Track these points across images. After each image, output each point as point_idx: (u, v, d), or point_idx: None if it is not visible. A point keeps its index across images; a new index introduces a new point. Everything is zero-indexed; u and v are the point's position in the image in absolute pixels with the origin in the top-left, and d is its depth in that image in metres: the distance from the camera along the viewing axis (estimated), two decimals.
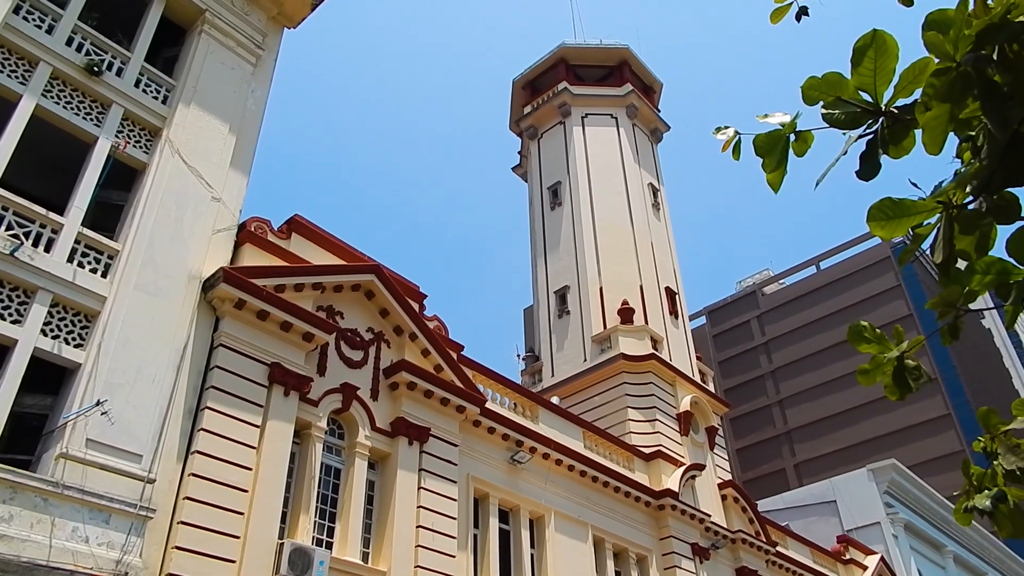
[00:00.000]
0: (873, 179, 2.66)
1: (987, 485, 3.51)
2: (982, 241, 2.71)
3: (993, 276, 3.00)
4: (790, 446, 67.47)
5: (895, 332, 3.56)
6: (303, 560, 11.19)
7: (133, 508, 9.87)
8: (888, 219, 2.60)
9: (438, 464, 14.32)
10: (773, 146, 2.71)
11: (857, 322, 3.48)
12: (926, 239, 2.70)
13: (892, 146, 2.60)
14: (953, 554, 39.11)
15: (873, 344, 3.40)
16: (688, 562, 19.77)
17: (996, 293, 3.12)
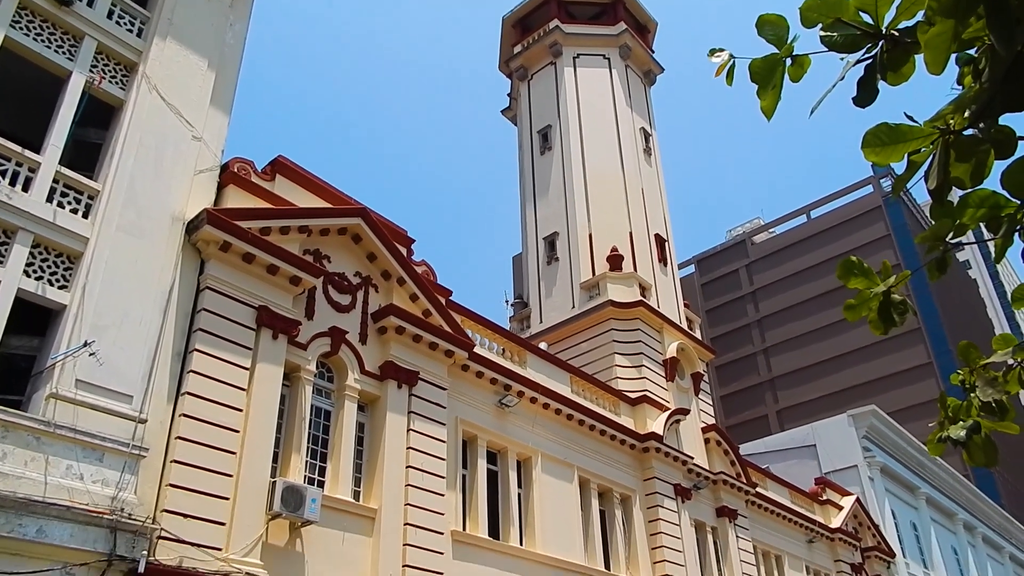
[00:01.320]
0: (870, 105, 2.64)
1: (962, 417, 3.60)
2: (977, 169, 2.71)
3: (986, 210, 3.02)
4: (773, 393, 68.54)
5: (883, 267, 3.61)
6: (295, 498, 11.36)
7: (126, 447, 9.94)
8: (883, 145, 2.59)
9: (427, 407, 14.47)
10: (769, 71, 2.68)
11: (849, 257, 3.52)
12: (921, 166, 2.70)
13: (891, 72, 2.58)
14: (926, 496, 40.18)
15: (861, 279, 3.44)
16: (670, 502, 20.23)
17: (987, 227, 3.14)
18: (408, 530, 13.16)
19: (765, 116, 2.88)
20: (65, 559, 9.00)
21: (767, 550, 25.15)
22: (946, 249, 3.24)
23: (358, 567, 12.40)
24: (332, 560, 12.03)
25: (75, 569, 9.09)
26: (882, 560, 31.54)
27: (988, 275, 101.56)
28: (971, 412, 3.54)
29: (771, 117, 2.89)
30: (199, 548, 10.20)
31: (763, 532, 24.96)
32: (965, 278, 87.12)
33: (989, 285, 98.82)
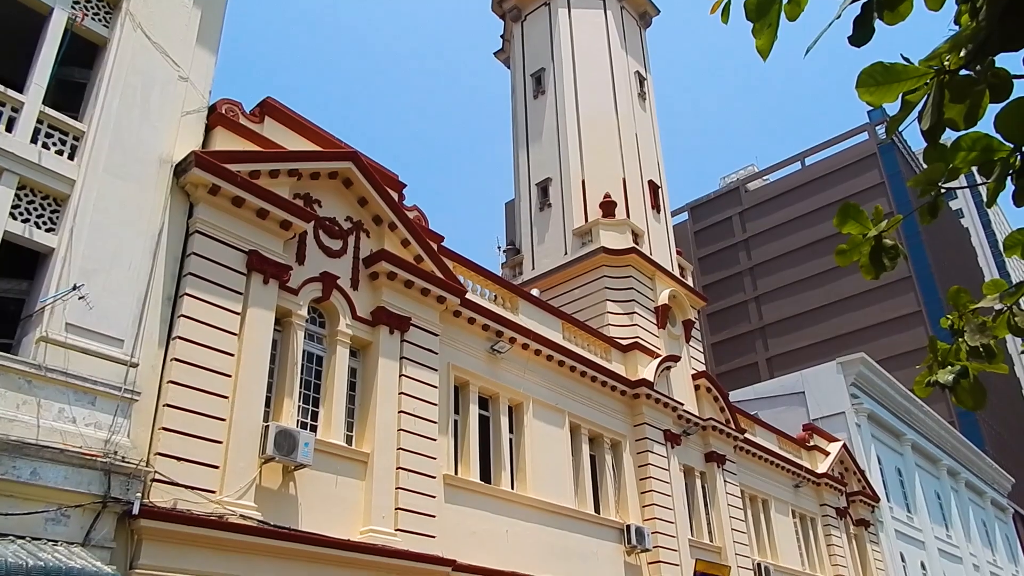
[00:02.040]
0: (865, 44, 2.58)
1: (951, 361, 3.61)
2: (971, 111, 2.67)
3: (978, 153, 2.99)
4: (764, 341, 69.13)
5: (875, 211, 3.58)
6: (288, 442, 11.46)
7: (118, 391, 9.98)
8: (878, 84, 2.54)
9: (419, 353, 14.52)
10: (765, 8, 2.61)
11: (848, 202, 3.50)
12: (916, 107, 2.65)
13: (888, 10, 2.52)
14: (912, 442, 40.89)
15: (854, 224, 3.43)
16: (660, 447, 20.52)
17: (979, 171, 3.11)
18: (400, 474, 13.34)
19: (761, 55, 2.82)
20: (60, 501, 9.10)
21: (754, 494, 25.64)
22: (938, 193, 3.21)
23: (351, 510, 12.58)
24: (325, 503, 12.20)
25: (70, 511, 9.19)
26: (866, 504, 32.23)
27: (980, 224, 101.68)
28: (960, 356, 3.55)
29: (767, 57, 2.83)
30: (193, 491, 10.31)
31: (750, 477, 25.42)
32: (957, 227, 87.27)
33: (981, 234, 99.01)
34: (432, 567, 13.10)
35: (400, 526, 12.96)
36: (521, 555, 15.40)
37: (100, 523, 9.41)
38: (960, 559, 41.84)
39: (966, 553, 42.86)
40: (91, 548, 9.15)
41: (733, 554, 22.11)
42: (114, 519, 9.55)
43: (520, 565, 15.19)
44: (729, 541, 22.24)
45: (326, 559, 11.68)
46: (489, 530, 15.09)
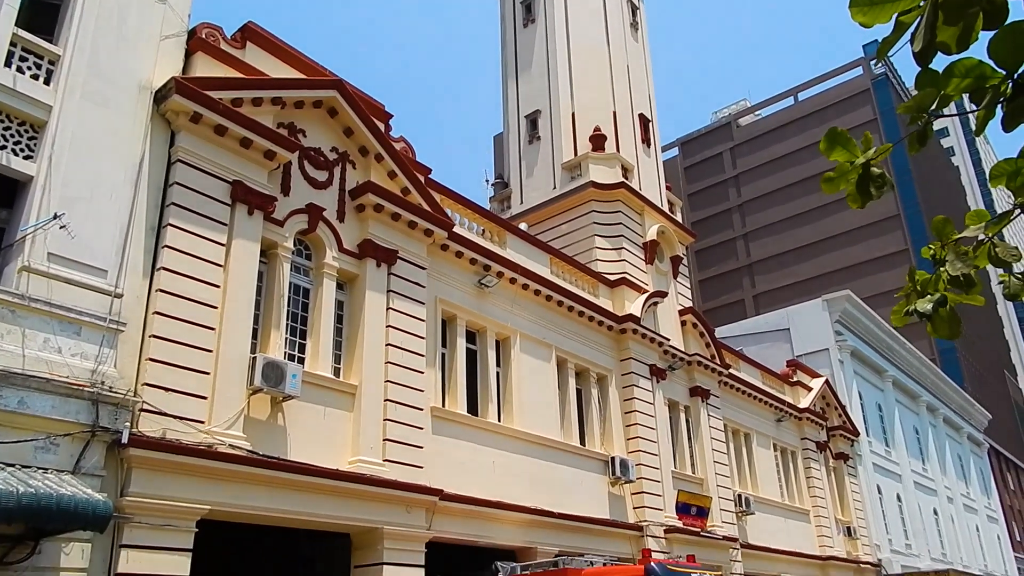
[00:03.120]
0: None
1: (930, 290, 3.62)
2: (964, 34, 2.60)
3: (971, 80, 2.93)
4: (751, 278, 69.53)
5: (864, 138, 3.53)
6: (276, 373, 11.51)
7: (103, 321, 9.94)
8: (872, 4, 2.48)
9: (406, 286, 14.51)
10: None
11: (834, 128, 3.45)
12: (909, 28, 2.58)
13: None
14: (893, 378, 41.61)
15: (843, 151, 3.39)
16: (645, 381, 20.78)
17: (971, 98, 3.06)
18: (388, 406, 13.46)
19: None
20: (48, 430, 9.15)
21: (737, 428, 26.13)
22: (928, 120, 3.16)
23: (339, 441, 12.73)
24: (314, 434, 12.33)
25: (59, 439, 9.24)
26: (846, 439, 32.93)
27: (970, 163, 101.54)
28: (939, 286, 3.56)
29: None
30: (182, 421, 10.39)
31: (734, 411, 25.86)
32: (947, 165, 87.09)
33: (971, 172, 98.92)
34: (420, 496, 13.34)
35: (388, 457, 13.15)
36: (507, 485, 15.69)
37: (89, 452, 9.48)
38: (935, 491, 43.06)
39: (941, 486, 44.10)
40: (81, 476, 9.24)
41: (715, 485, 22.63)
42: (103, 448, 9.62)
43: (506, 495, 15.50)
44: (711, 473, 22.74)
45: (315, 488, 11.86)
46: (476, 461, 15.34)
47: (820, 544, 28.48)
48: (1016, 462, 67.76)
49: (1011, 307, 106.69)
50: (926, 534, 39.05)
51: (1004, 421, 70.97)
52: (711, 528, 21.42)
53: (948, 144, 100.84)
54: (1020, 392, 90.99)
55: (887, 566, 32.40)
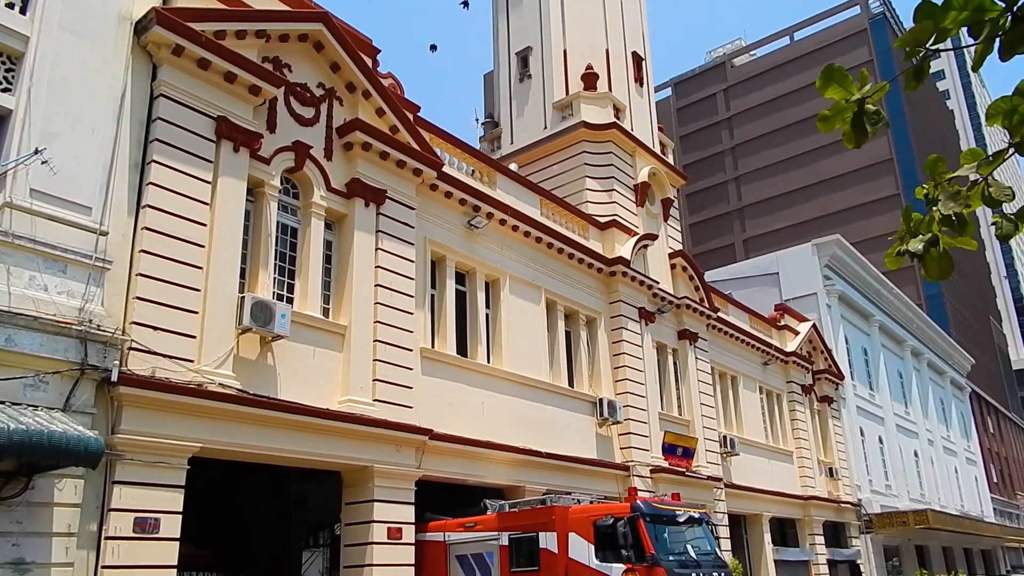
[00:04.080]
0: None
1: (922, 231, 3.60)
2: None
3: (969, 12, 2.87)
4: (741, 222, 69.51)
5: (860, 76, 3.46)
6: (265, 313, 11.49)
7: (88, 259, 9.85)
8: None
9: (395, 226, 14.40)
10: None
11: (830, 64, 3.38)
12: None
13: None
14: (879, 323, 42.02)
15: (838, 88, 3.34)
16: (634, 324, 20.89)
17: (969, 31, 2.99)
18: (378, 346, 13.50)
19: None
20: (37, 368, 9.14)
21: (724, 371, 26.41)
22: (925, 55, 3.10)
23: (329, 381, 12.79)
24: (303, 374, 12.37)
25: (48, 377, 9.25)
26: (831, 382, 33.38)
27: (965, 107, 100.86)
28: (931, 226, 3.54)
29: None
30: (171, 360, 10.39)
31: (721, 354, 26.11)
32: (942, 108, 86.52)
33: (966, 116, 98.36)
34: (409, 436, 13.48)
35: (378, 397, 13.24)
36: (496, 426, 15.87)
37: (79, 390, 9.50)
38: (916, 434, 43.91)
39: (922, 429, 44.95)
40: (72, 414, 9.27)
41: (701, 427, 22.97)
42: (93, 386, 9.64)
43: (495, 435, 15.69)
44: (697, 415, 23.06)
45: (305, 427, 11.96)
46: (465, 402, 15.47)
47: (802, 484, 29.10)
48: (997, 406, 69.07)
49: (999, 253, 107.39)
50: (906, 475, 39.96)
51: (987, 366, 72.11)
52: (696, 468, 21.81)
53: (944, 87, 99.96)
54: (1004, 338, 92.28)
55: (867, 506, 33.20)
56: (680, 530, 13.29)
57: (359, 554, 12.75)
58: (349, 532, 13.10)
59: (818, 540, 28.76)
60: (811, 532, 28.65)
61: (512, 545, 13.34)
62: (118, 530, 9.54)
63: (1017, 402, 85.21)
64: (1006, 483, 65.27)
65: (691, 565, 12.70)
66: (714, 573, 13.05)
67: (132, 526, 9.67)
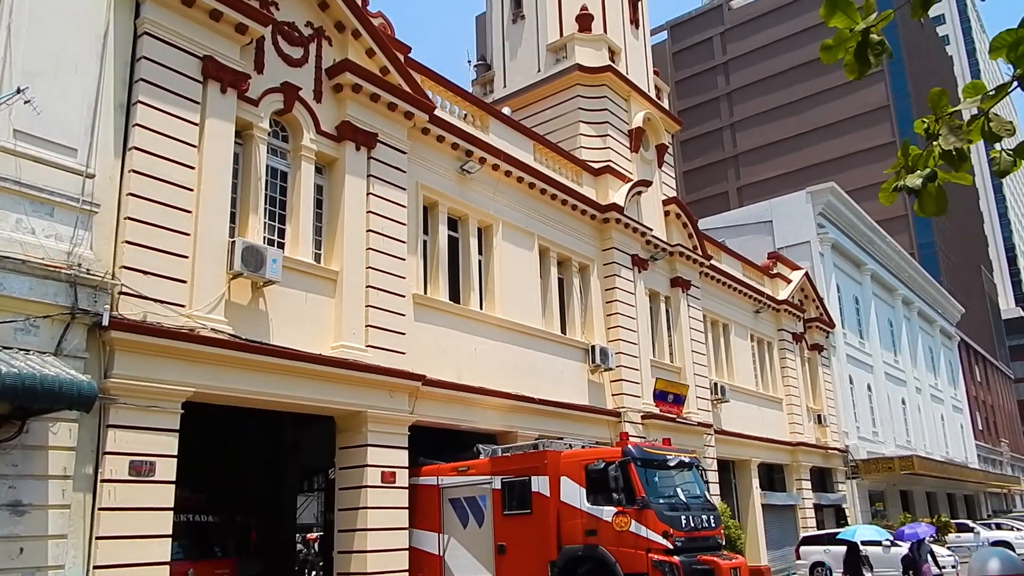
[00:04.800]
0: None
1: (920, 166, 3.55)
2: None
3: None
4: (736, 169, 69.15)
5: (866, 4, 3.38)
6: (256, 258, 11.40)
7: (75, 202, 9.72)
8: None
9: (386, 171, 14.23)
10: None
11: None
12: None
13: None
14: (871, 272, 42.17)
15: (843, 17, 3.27)
16: (627, 271, 20.87)
17: None
18: (370, 292, 13.46)
19: None
20: (27, 312, 9.08)
21: (715, 319, 26.52)
22: None
23: (322, 327, 12.77)
24: (296, 319, 12.34)
25: (38, 321, 9.19)
26: (822, 330, 33.61)
27: (965, 53, 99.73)
28: (929, 162, 3.48)
29: None
30: (162, 304, 10.33)
31: (713, 302, 26.19)
32: (941, 55, 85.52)
33: (964, 63, 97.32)
34: (402, 381, 13.53)
35: (370, 342, 13.24)
36: (489, 372, 15.94)
37: (70, 334, 9.46)
38: (904, 382, 44.44)
39: (911, 377, 45.50)
40: (64, 358, 9.24)
41: (692, 374, 23.15)
42: (84, 330, 9.60)
43: (488, 381, 15.76)
44: (689, 362, 23.22)
45: (298, 372, 11.97)
46: (458, 348, 15.50)
47: (791, 431, 29.51)
48: (984, 355, 69.88)
49: (992, 202, 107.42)
50: (893, 422, 40.56)
51: (976, 315, 72.68)
52: (687, 415, 22.04)
53: (943, 32, 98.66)
54: (994, 287, 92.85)
55: (853, 452, 33.76)
56: (670, 474, 13.49)
57: (353, 497, 12.91)
58: (343, 476, 13.23)
59: (805, 485, 29.29)
60: (798, 477, 29.15)
61: (505, 489, 13.52)
62: (114, 473, 9.59)
63: (1005, 351, 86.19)
64: (990, 430, 66.43)
65: (681, 508, 12.92)
66: (703, 516, 13.29)
67: (127, 469, 9.72)
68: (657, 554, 12.01)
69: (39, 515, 8.87)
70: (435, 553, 13.90)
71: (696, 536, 12.79)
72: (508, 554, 13.15)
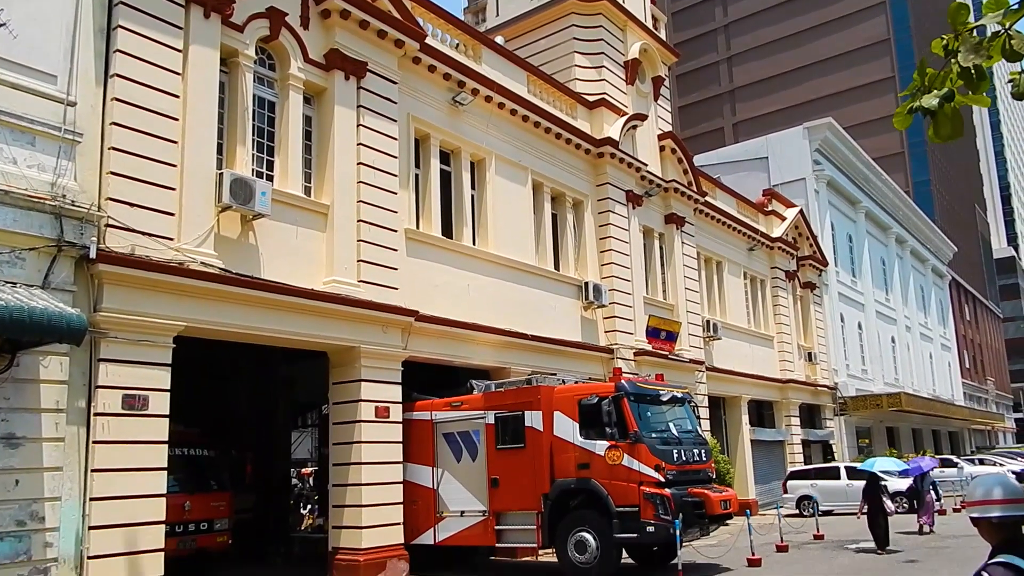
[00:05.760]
0: None
1: (936, 86, 3.40)
2: None
3: None
4: (732, 105, 68.23)
5: None
6: (244, 190, 11.19)
7: (57, 131, 9.47)
8: None
9: (377, 101, 13.89)
10: None
11: None
12: None
13: None
14: (866, 210, 42.00)
15: None
16: (621, 207, 20.68)
17: None
18: (361, 226, 13.28)
19: None
20: (12, 244, 8.93)
21: (709, 256, 26.45)
22: None
23: (313, 261, 12.62)
24: (286, 254, 12.19)
25: (24, 253, 9.05)
26: (815, 268, 33.63)
27: None
28: (947, 82, 3.33)
29: None
30: (150, 237, 10.18)
31: (707, 239, 26.07)
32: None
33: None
34: (395, 317, 13.47)
35: (363, 277, 13.12)
36: (482, 308, 15.88)
37: (57, 267, 9.33)
38: (894, 320, 44.73)
39: (901, 315, 45.77)
40: (52, 291, 9.13)
41: (684, 311, 23.19)
42: (71, 263, 9.47)
43: (481, 317, 15.72)
44: (682, 299, 23.23)
45: (290, 307, 11.88)
46: (451, 284, 15.40)
47: (781, 368, 29.77)
48: (975, 294, 70.34)
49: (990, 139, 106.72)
50: (882, 360, 40.95)
51: (969, 254, 72.90)
52: (679, 352, 22.14)
53: None
54: (987, 226, 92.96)
55: (842, 389, 34.16)
56: (663, 409, 13.56)
57: (347, 432, 12.97)
58: (337, 411, 13.27)
59: (794, 421, 29.70)
60: (787, 414, 29.54)
61: (498, 423, 13.59)
62: (107, 407, 9.58)
63: (995, 290, 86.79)
64: (977, 369, 67.32)
65: (673, 442, 13.03)
66: (695, 450, 13.42)
67: (120, 403, 9.72)
68: (649, 487, 12.15)
69: (33, 448, 8.88)
70: (429, 487, 14.05)
71: (687, 470, 12.93)
72: (501, 487, 13.30)
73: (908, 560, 13.81)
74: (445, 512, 13.86)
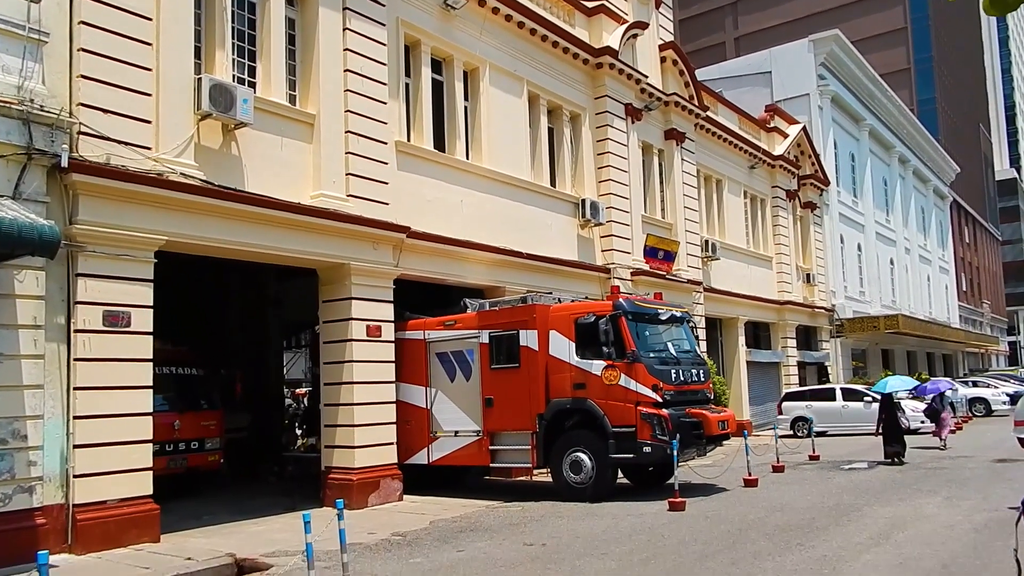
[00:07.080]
0: None
1: None
2: None
3: None
4: (734, 18, 66.22)
5: None
6: (225, 98, 10.62)
7: (21, 30, 8.84)
8: None
9: (363, 3, 13.10)
10: None
11: None
12: None
13: None
14: (869, 128, 41.13)
15: None
16: (620, 121, 20.00)
17: None
18: (350, 138, 12.73)
19: None
20: None
21: (709, 174, 25.85)
22: None
23: (300, 174, 12.12)
24: (271, 165, 11.68)
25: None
26: (816, 188, 33.06)
27: None
28: None
29: None
30: (126, 146, 9.67)
31: (708, 157, 25.43)
32: None
33: None
34: (386, 233, 13.05)
35: (352, 192, 12.64)
36: (476, 225, 15.43)
37: (28, 176, 8.88)
38: (894, 242, 44.39)
39: (900, 237, 45.40)
40: (23, 202, 8.69)
41: (683, 231, 22.77)
42: (43, 172, 9.02)
43: (475, 235, 15.29)
44: (680, 218, 22.77)
45: (277, 222, 11.44)
46: (443, 199, 14.91)
47: (779, 289, 29.54)
48: (975, 216, 69.85)
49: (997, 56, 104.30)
50: (880, 282, 40.77)
51: (971, 175, 72.03)
52: (677, 272, 21.82)
53: None
54: (991, 146, 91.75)
55: (840, 311, 34.04)
56: (661, 329, 13.32)
57: (339, 351, 12.70)
58: (328, 329, 12.97)
59: (790, 343, 29.67)
60: (784, 336, 29.47)
61: (492, 343, 13.35)
62: (87, 323, 9.26)
63: (995, 211, 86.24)
64: (974, 291, 67.40)
65: (671, 362, 12.82)
66: (693, 370, 13.23)
67: (101, 320, 9.39)
68: (646, 407, 11.99)
69: (12, 364, 8.61)
70: (422, 406, 13.89)
71: (685, 390, 12.77)
72: (496, 407, 13.14)
73: (907, 480, 13.77)
74: (439, 432, 13.75)
